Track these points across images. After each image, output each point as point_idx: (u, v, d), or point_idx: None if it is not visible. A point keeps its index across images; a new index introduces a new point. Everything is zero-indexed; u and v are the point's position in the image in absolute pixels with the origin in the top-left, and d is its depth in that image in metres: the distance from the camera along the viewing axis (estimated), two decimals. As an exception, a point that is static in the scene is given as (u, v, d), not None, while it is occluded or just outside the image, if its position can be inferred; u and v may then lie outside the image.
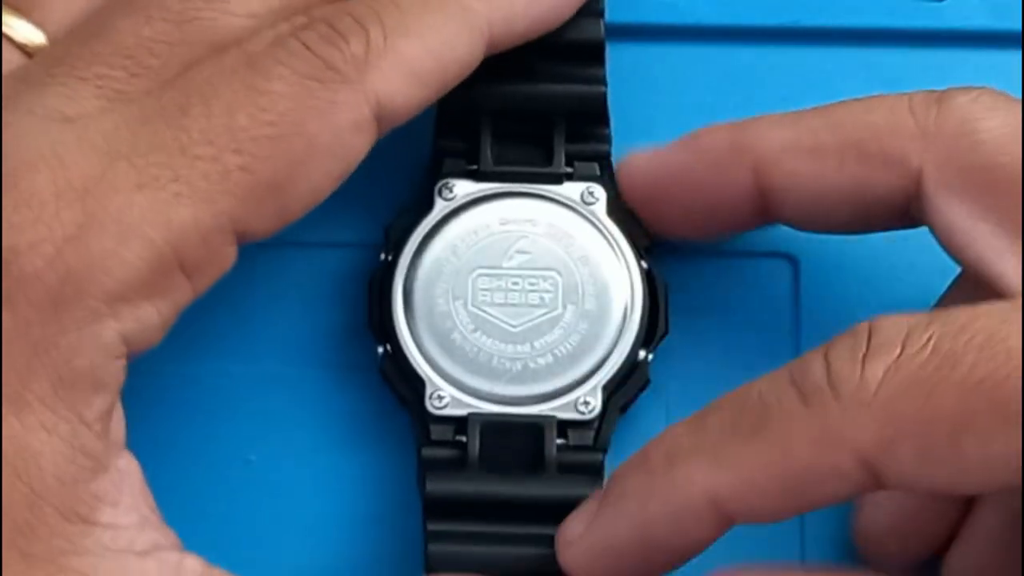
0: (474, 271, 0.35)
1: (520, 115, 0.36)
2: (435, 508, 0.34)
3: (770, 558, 0.36)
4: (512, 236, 0.36)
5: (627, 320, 0.35)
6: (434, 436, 0.35)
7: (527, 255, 0.36)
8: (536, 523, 0.34)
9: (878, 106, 0.34)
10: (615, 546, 0.32)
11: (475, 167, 0.36)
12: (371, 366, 0.36)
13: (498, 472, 0.35)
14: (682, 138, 0.35)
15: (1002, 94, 0.34)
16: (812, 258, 0.38)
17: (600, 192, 0.36)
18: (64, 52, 0.32)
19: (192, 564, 0.31)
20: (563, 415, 0.35)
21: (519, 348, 0.35)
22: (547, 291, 0.35)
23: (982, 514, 0.35)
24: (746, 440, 0.30)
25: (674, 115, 0.39)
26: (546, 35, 0.34)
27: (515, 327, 0.35)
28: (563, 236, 0.36)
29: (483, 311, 0.35)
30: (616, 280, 0.36)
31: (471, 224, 0.36)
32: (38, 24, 0.33)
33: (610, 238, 0.36)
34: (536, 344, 0.35)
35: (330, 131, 0.31)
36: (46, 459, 0.30)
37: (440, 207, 0.36)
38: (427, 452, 0.35)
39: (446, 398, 0.35)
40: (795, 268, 0.38)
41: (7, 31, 0.33)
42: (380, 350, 0.36)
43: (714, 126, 0.35)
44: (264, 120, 0.31)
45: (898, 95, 0.34)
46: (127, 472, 0.31)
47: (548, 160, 0.36)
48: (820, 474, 0.30)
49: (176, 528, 0.32)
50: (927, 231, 0.34)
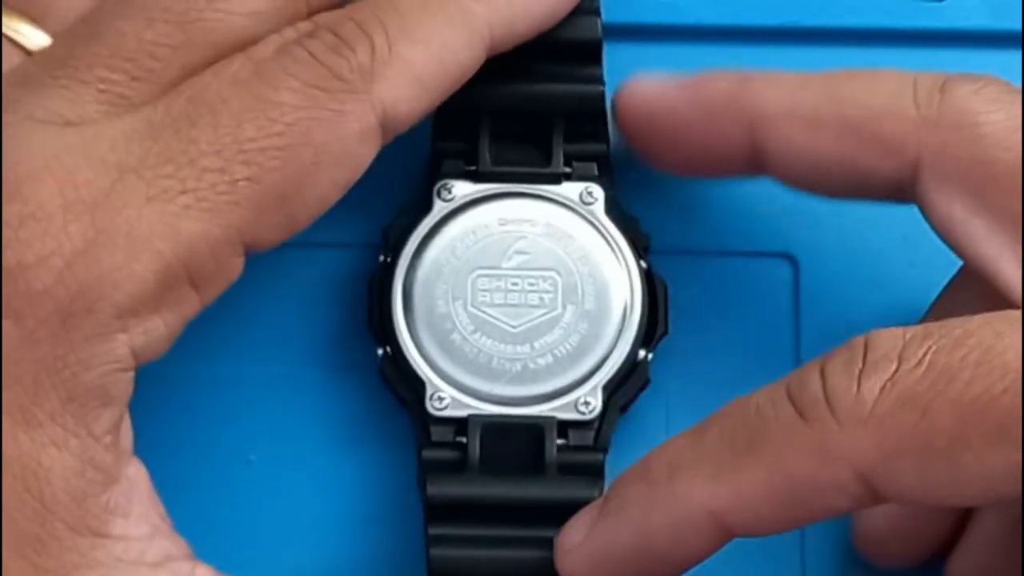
0: (473, 272, 0.35)
1: (518, 115, 0.36)
2: (436, 512, 0.34)
3: (771, 561, 0.37)
4: (511, 236, 0.36)
5: (627, 320, 0.35)
6: (434, 437, 0.35)
7: (526, 255, 0.35)
8: (538, 525, 0.34)
9: (882, 85, 0.33)
10: (614, 555, 0.32)
11: (474, 168, 0.36)
12: (371, 366, 0.36)
13: (499, 474, 0.35)
14: (688, 78, 0.35)
15: (1007, 86, 0.33)
16: (812, 258, 0.38)
17: (599, 192, 0.36)
18: (65, 53, 0.32)
19: (204, 573, 0.31)
20: (563, 415, 0.35)
21: (519, 349, 0.35)
22: (546, 291, 0.35)
23: (983, 519, 0.35)
24: (744, 455, 0.30)
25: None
26: (544, 35, 0.34)
27: (515, 328, 0.35)
28: (562, 236, 0.36)
29: (483, 312, 0.35)
30: (615, 280, 0.36)
31: (470, 225, 0.36)
32: (39, 23, 0.33)
33: (609, 238, 0.36)
34: (536, 344, 0.35)
35: (337, 141, 0.31)
36: (56, 474, 0.30)
37: (439, 208, 0.36)
38: (427, 454, 0.35)
39: (446, 399, 0.35)
40: (795, 268, 0.38)
41: (9, 33, 0.33)
42: (380, 352, 0.36)
43: (720, 74, 0.35)
44: (272, 131, 0.30)
45: (903, 75, 0.34)
46: (136, 481, 0.31)
47: (547, 160, 0.36)
48: (817, 489, 0.30)
49: (176, 528, 0.32)
50: (928, 231, 0.34)
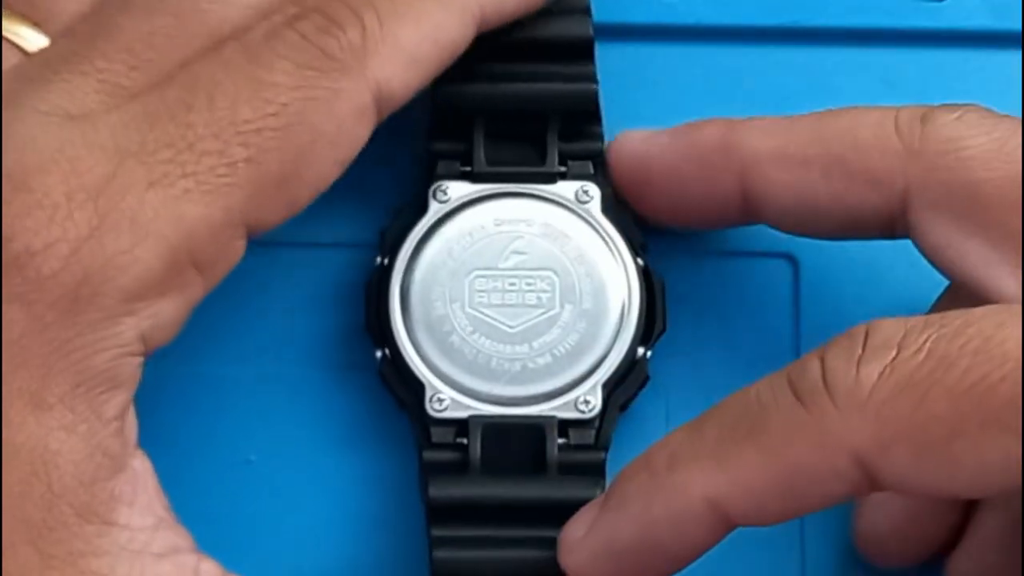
0: (471, 273, 0.35)
1: (513, 115, 0.36)
2: (439, 513, 0.34)
3: (770, 558, 0.36)
4: (508, 237, 0.36)
5: (625, 318, 0.35)
6: (435, 439, 0.35)
7: (523, 255, 0.35)
8: (540, 525, 0.34)
9: (865, 120, 0.34)
10: (616, 549, 0.32)
11: (469, 168, 0.36)
12: (371, 366, 0.36)
13: (500, 474, 0.35)
14: (675, 129, 0.36)
15: (987, 111, 0.34)
16: (812, 258, 0.38)
17: (594, 190, 0.36)
18: (65, 49, 0.32)
19: (209, 568, 0.31)
20: (563, 415, 0.35)
21: (518, 349, 0.35)
22: (544, 291, 0.35)
23: (984, 518, 0.34)
24: (743, 443, 0.30)
25: (673, 115, 0.38)
26: (535, 35, 0.35)
27: (513, 328, 0.35)
28: (559, 235, 0.36)
29: (481, 312, 0.35)
30: (613, 278, 0.36)
31: (466, 226, 0.36)
32: (39, 26, 0.33)
33: (606, 236, 0.36)
34: (535, 344, 0.35)
35: (333, 120, 0.31)
36: (64, 458, 0.30)
37: (435, 210, 0.36)
38: (428, 455, 0.35)
39: (446, 401, 0.35)
40: (795, 268, 0.38)
41: (9, 36, 0.33)
42: (378, 354, 0.36)
43: (708, 122, 0.35)
44: (268, 112, 0.31)
45: (885, 109, 0.34)
46: (142, 472, 0.31)
47: (542, 160, 0.36)
48: (816, 476, 0.30)
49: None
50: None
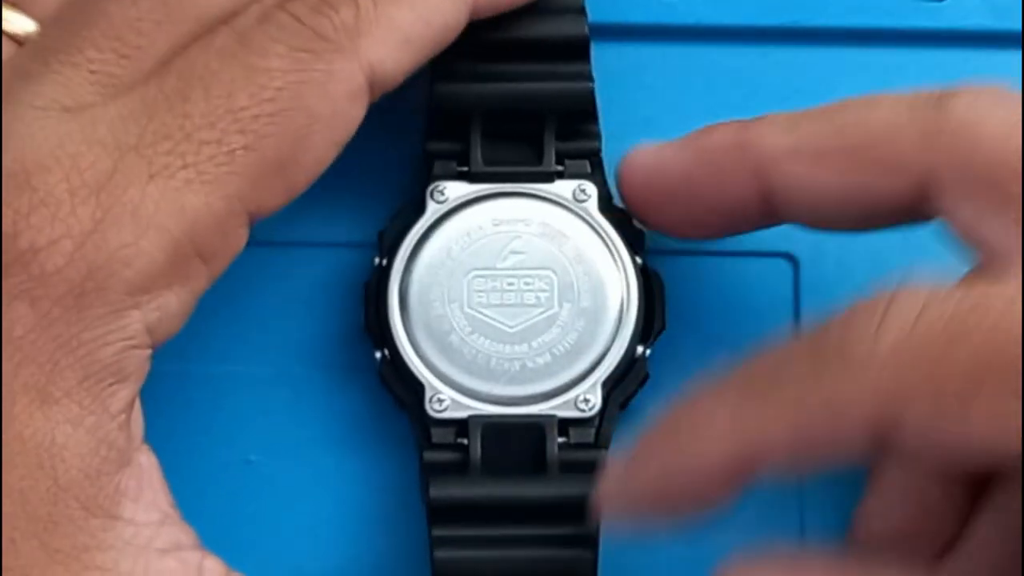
0: (469, 273, 0.35)
1: (509, 115, 0.36)
2: (440, 513, 0.34)
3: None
4: (506, 236, 0.36)
5: (624, 316, 0.35)
6: (435, 439, 0.35)
7: (521, 255, 0.35)
8: (541, 524, 0.34)
9: (879, 108, 0.33)
10: (639, 500, 0.32)
11: (466, 168, 0.36)
12: (371, 367, 0.36)
13: (500, 474, 0.35)
14: (685, 137, 0.35)
15: (1004, 92, 0.33)
16: (812, 258, 0.38)
17: (592, 189, 0.36)
18: (55, 40, 0.32)
19: (212, 565, 0.32)
20: (563, 413, 0.35)
21: (517, 348, 0.35)
22: (543, 290, 0.35)
23: (983, 522, 0.34)
24: (762, 399, 0.30)
25: (673, 116, 0.39)
26: (531, 34, 0.35)
27: (512, 327, 0.35)
28: (556, 235, 0.36)
29: (479, 312, 0.35)
30: (611, 276, 0.36)
31: (464, 226, 0.36)
32: (22, 8, 0.33)
33: (604, 235, 0.36)
34: (534, 344, 0.35)
35: (328, 102, 0.31)
36: (70, 452, 0.30)
37: (432, 210, 0.36)
38: (429, 456, 0.35)
39: (446, 401, 0.35)
40: (795, 268, 0.38)
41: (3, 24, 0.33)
42: (378, 355, 0.36)
43: (717, 126, 0.35)
44: (263, 98, 0.31)
45: (898, 97, 0.34)
46: (148, 468, 0.31)
47: (539, 159, 0.36)
48: (830, 434, 0.29)
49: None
50: (928, 232, 0.34)
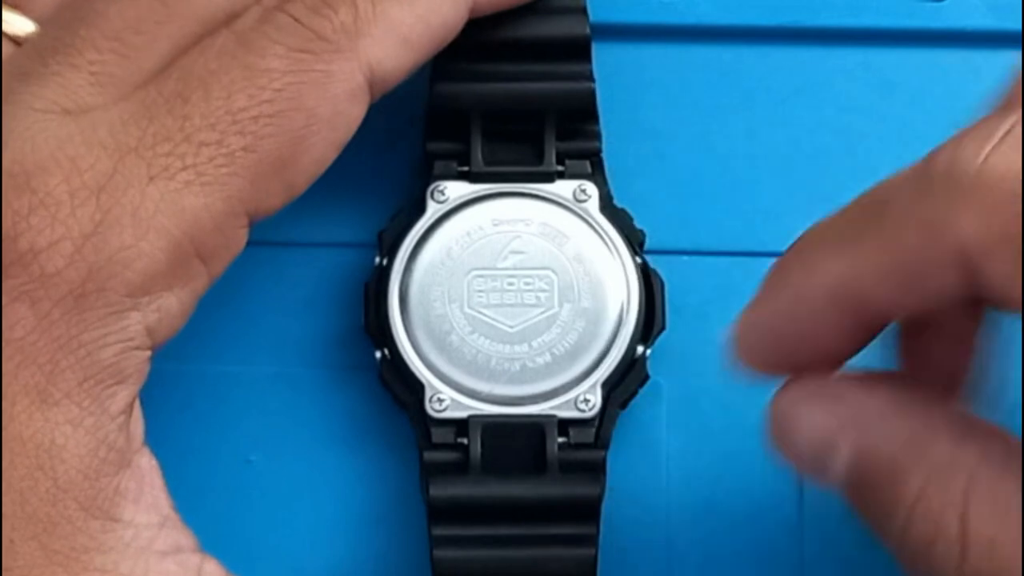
0: (469, 273, 0.35)
1: (510, 115, 0.36)
2: (439, 513, 0.34)
3: (769, 553, 0.36)
4: (506, 236, 0.36)
5: (624, 316, 0.35)
6: (435, 439, 0.35)
7: (521, 255, 0.35)
8: (541, 524, 0.34)
9: (910, 229, 0.30)
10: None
11: (466, 168, 0.36)
12: (371, 366, 0.36)
13: (500, 473, 0.35)
14: (763, 290, 0.32)
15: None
16: (812, 257, 0.38)
17: (592, 189, 0.36)
18: (54, 41, 0.32)
19: (212, 568, 0.32)
20: (563, 414, 0.35)
21: (517, 348, 0.35)
22: (543, 290, 0.35)
23: None
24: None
25: (673, 116, 0.39)
26: (532, 34, 0.35)
27: (512, 327, 0.35)
28: (557, 235, 0.36)
29: (479, 312, 0.35)
30: (611, 276, 0.35)
31: (464, 226, 0.36)
32: (27, 11, 0.33)
33: (604, 235, 0.36)
34: (534, 344, 0.35)
35: (327, 102, 0.31)
36: (69, 452, 0.30)
37: (433, 210, 0.36)
38: (429, 456, 0.35)
39: (446, 401, 0.35)
40: (795, 267, 0.38)
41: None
42: (378, 355, 0.36)
43: (782, 269, 0.31)
44: (262, 99, 0.31)
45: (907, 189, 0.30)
46: (148, 470, 0.31)
47: (539, 159, 0.36)
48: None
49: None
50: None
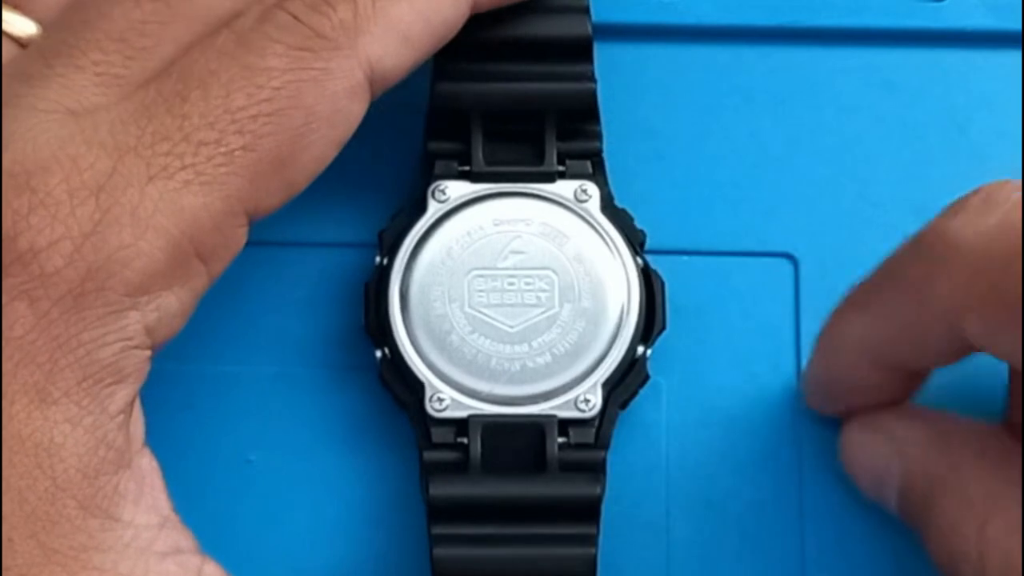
0: (469, 272, 0.35)
1: (511, 115, 0.36)
2: (439, 512, 0.34)
3: (769, 553, 0.37)
4: (506, 236, 0.35)
5: (624, 316, 0.35)
6: (435, 439, 0.35)
7: (522, 255, 0.35)
8: (540, 523, 0.34)
9: (905, 293, 0.33)
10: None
11: (467, 168, 0.36)
12: (371, 366, 0.36)
13: (500, 473, 0.35)
14: (814, 349, 0.36)
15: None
16: (812, 258, 0.38)
17: (593, 189, 0.36)
18: (58, 43, 0.32)
19: (212, 570, 0.31)
20: (563, 414, 0.35)
21: (517, 348, 0.35)
22: (543, 290, 0.35)
23: None
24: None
25: (673, 116, 0.39)
26: (534, 34, 0.35)
27: (512, 327, 0.35)
28: (557, 235, 0.36)
29: (480, 312, 0.35)
30: (612, 277, 0.35)
31: (465, 226, 0.36)
32: (30, 14, 0.33)
33: (605, 235, 0.36)
34: (534, 344, 0.35)
35: (327, 100, 0.31)
36: (68, 451, 0.30)
37: (433, 209, 0.36)
38: (429, 456, 0.35)
39: (446, 400, 0.35)
40: (795, 268, 0.38)
41: (2, 26, 0.33)
42: (378, 355, 0.36)
43: (824, 331, 0.35)
44: (261, 97, 0.31)
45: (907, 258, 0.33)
46: (148, 471, 0.31)
47: (540, 159, 0.36)
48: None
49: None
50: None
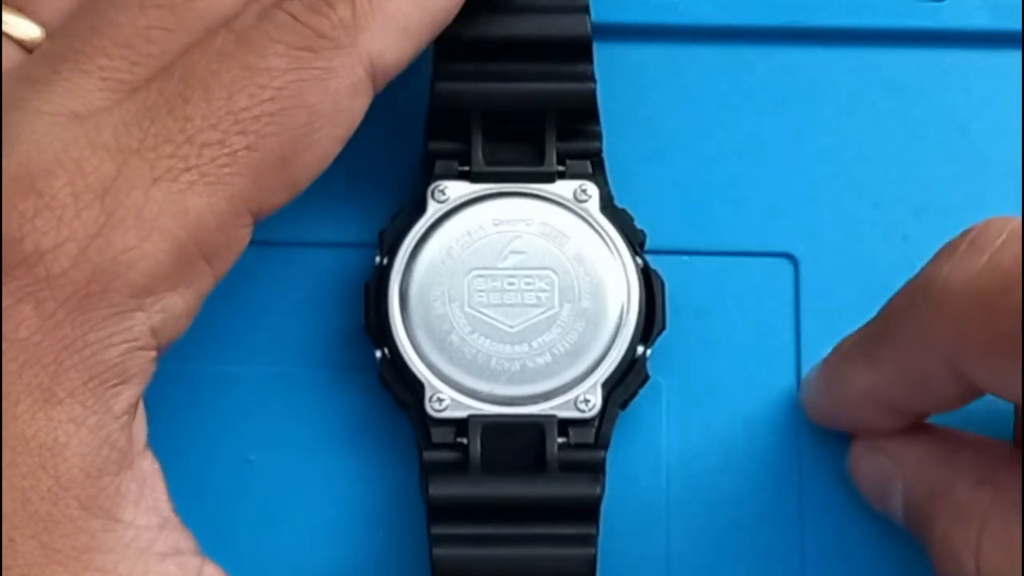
0: (469, 272, 0.35)
1: (510, 115, 0.36)
2: (439, 511, 0.34)
3: (769, 553, 0.37)
4: (506, 236, 0.35)
5: (624, 316, 0.35)
6: (435, 439, 0.35)
7: (522, 255, 0.35)
8: (540, 523, 0.34)
9: (906, 341, 0.33)
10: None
11: (467, 168, 0.36)
12: (371, 366, 0.36)
13: (500, 473, 0.35)
14: (819, 386, 0.37)
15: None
16: (812, 258, 0.38)
17: (593, 189, 0.36)
18: (64, 48, 0.32)
19: (212, 572, 0.32)
20: (563, 414, 0.35)
21: (517, 348, 0.35)
22: (543, 290, 0.35)
23: None
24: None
25: (673, 116, 0.39)
26: (533, 33, 0.35)
27: (512, 327, 0.35)
28: (557, 235, 0.36)
29: (480, 312, 0.35)
30: (612, 277, 0.35)
31: (465, 226, 0.36)
32: (34, 18, 0.33)
33: (604, 235, 0.36)
34: (534, 344, 0.35)
35: (329, 98, 0.31)
36: (72, 451, 0.30)
37: (433, 209, 0.36)
38: (429, 456, 0.35)
39: (446, 400, 0.35)
40: (795, 268, 0.38)
41: (5, 28, 0.33)
42: (378, 355, 0.36)
43: (825, 374, 0.36)
44: (263, 98, 0.31)
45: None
46: (150, 473, 0.32)
47: (540, 159, 0.36)
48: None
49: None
50: (928, 232, 0.34)
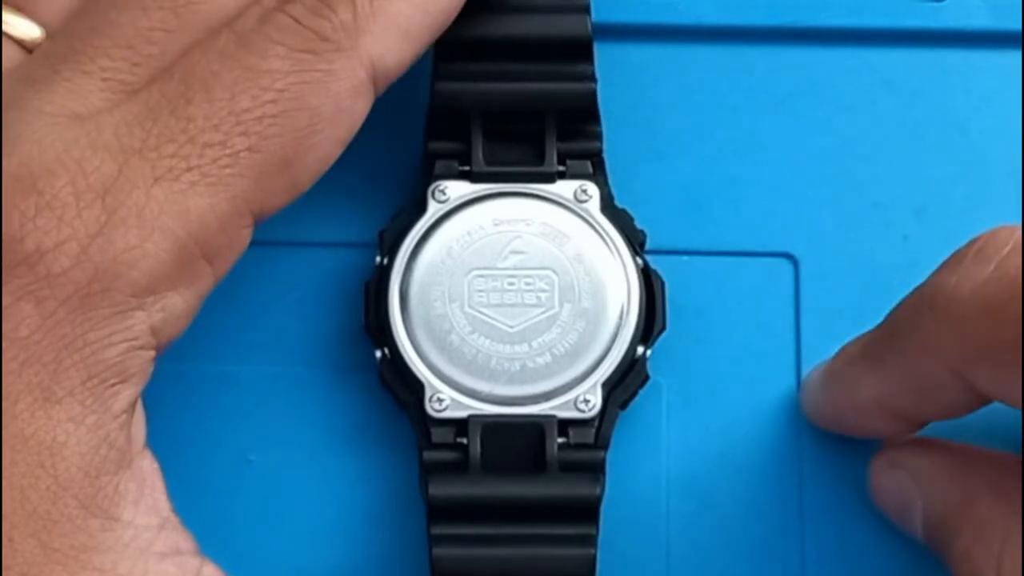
0: (469, 272, 0.35)
1: (511, 115, 0.36)
2: (439, 512, 0.34)
3: (769, 553, 0.37)
4: (506, 236, 0.35)
5: (624, 317, 0.35)
6: (435, 439, 0.35)
7: (522, 255, 0.35)
8: (540, 523, 0.34)
9: (913, 349, 0.33)
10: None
11: (467, 168, 0.36)
12: (371, 366, 0.36)
13: (500, 473, 0.35)
14: (822, 393, 0.37)
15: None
16: (812, 258, 0.38)
17: (593, 190, 0.36)
18: (66, 48, 0.32)
19: (211, 572, 0.32)
20: (563, 414, 0.35)
21: (517, 348, 0.35)
22: (543, 290, 0.35)
23: None
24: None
25: (673, 116, 0.39)
26: (534, 33, 0.35)
27: (512, 327, 0.35)
28: (557, 235, 0.36)
29: (480, 312, 0.35)
30: (612, 277, 0.35)
31: (465, 226, 0.36)
32: (34, 18, 0.33)
33: (605, 235, 0.36)
34: (534, 344, 0.35)
35: (330, 101, 0.31)
36: (71, 450, 0.30)
37: (433, 209, 0.36)
38: (428, 456, 0.35)
39: (446, 400, 0.35)
40: (795, 268, 0.38)
41: (5, 28, 0.33)
42: (378, 355, 0.36)
43: (829, 378, 0.36)
44: (265, 99, 0.31)
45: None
46: (149, 472, 0.32)
47: (540, 159, 0.36)
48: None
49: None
50: (928, 232, 0.34)
